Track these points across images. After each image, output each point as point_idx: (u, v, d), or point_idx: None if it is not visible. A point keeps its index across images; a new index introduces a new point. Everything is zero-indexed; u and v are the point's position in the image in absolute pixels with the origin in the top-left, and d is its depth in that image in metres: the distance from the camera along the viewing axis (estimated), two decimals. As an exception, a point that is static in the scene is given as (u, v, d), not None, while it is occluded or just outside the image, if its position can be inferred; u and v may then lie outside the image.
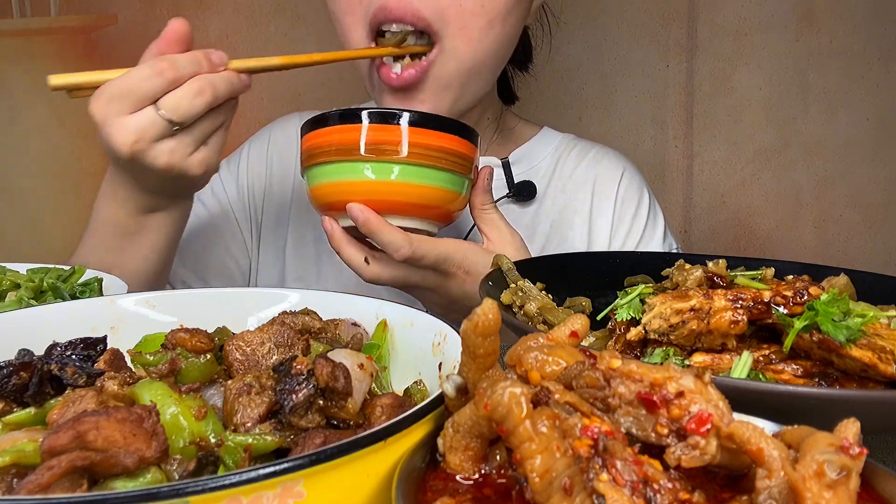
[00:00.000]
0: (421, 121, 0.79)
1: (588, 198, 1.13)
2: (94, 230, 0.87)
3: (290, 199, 1.13)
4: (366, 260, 0.83)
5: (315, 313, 0.56)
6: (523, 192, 1.10)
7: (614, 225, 1.12)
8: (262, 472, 0.29)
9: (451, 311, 0.87)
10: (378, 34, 0.91)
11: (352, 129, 0.79)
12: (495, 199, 0.90)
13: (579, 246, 1.11)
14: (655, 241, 1.12)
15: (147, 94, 0.73)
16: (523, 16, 1.00)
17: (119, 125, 0.73)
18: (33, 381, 0.42)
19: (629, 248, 1.11)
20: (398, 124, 0.79)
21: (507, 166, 1.10)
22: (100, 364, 0.46)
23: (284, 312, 0.54)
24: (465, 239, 0.87)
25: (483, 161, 1.10)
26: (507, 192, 1.09)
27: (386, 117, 0.79)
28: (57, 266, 0.77)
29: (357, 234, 0.83)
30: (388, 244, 0.79)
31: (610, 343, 0.64)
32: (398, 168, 0.79)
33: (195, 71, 0.74)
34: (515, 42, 1.01)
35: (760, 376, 0.54)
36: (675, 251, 1.11)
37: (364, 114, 0.79)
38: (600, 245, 1.11)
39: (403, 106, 0.92)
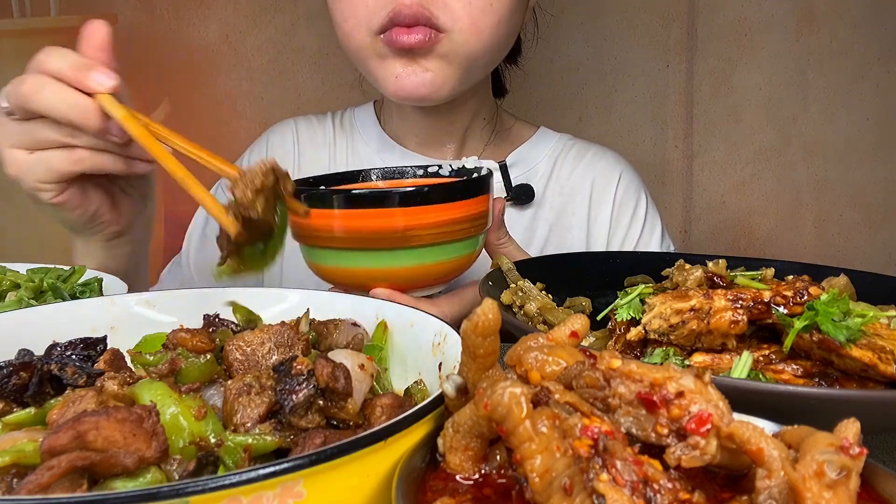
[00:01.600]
0: (449, 193, 0.74)
1: (586, 200, 1.13)
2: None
3: None
4: None
5: (328, 321, 0.55)
6: (522, 196, 1.10)
7: (612, 227, 1.12)
8: (262, 472, 0.29)
9: None
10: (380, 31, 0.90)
11: (375, 215, 0.72)
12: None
13: (577, 248, 1.11)
14: (653, 244, 1.12)
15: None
16: (523, 13, 1.02)
17: None
18: (33, 381, 0.42)
19: (627, 249, 1.11)
20: (426, 205, 0.72)
21: (504, 169, 1.10)
22: (100, 364, 0.46)
23: (293, 324, 0.54)
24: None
25: (479, 163, 1.10)
26: (506, 195, 1.09)
27: (412, 197, 0.71)
28: (57, 266, 0.77)
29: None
30: None
31: (610, 343, 0.64)
32: (425, 251, 0.74)
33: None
34: (514, 38, 1.02)
35: (760, 376, 0.54)
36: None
37: (391, 196, 0.72)
38: (598, 248, 1.11)
39: (410, 72, 0.91)
